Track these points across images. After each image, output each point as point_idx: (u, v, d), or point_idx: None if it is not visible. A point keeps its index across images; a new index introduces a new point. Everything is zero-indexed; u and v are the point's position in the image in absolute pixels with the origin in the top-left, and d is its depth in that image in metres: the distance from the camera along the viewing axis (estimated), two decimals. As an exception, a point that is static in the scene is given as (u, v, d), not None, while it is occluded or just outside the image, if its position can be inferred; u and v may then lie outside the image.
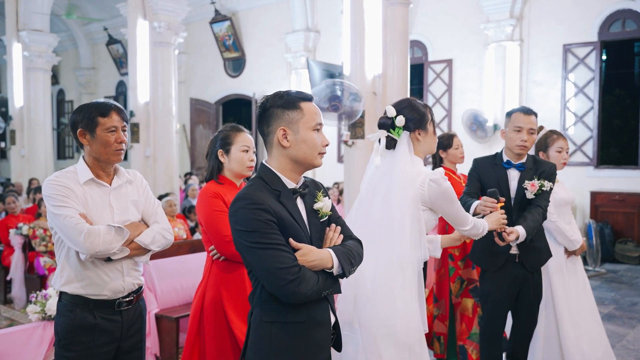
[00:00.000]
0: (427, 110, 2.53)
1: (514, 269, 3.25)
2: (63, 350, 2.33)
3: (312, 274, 1.81)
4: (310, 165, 1.93)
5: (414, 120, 2.49)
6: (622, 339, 5.00)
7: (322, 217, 1.97)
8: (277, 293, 1.80)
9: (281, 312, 1.84)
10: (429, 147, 2.55)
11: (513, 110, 3.28)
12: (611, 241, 8.69)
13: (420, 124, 2.50)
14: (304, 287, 1.77)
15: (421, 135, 2.51)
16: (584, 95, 9.30)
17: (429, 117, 2.52)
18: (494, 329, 3.33)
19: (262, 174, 1.91)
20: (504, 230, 2.92)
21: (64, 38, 16.54)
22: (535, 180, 3.18)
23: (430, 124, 2.53)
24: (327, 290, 1.87)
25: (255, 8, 12.93)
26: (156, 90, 9.19)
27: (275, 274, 1.76)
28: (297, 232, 1.86)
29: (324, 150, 1.94)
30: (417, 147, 2.52)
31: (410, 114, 2.49)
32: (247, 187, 1.88)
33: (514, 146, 3.20)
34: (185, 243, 5.39)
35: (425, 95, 10.89)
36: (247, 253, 1.81)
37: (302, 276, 1.77)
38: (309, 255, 1.83)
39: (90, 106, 2.40)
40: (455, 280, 4.12)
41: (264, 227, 1.77)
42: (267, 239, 1.77)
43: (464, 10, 10.17)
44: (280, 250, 1.78)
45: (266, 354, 1.84)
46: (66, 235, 2.25)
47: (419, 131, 2.50)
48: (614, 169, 9.37)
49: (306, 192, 1.96)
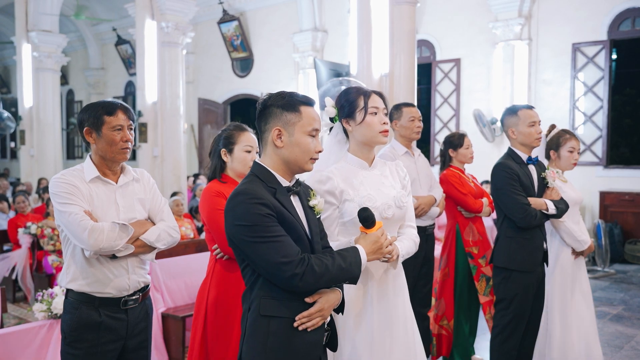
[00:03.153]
0: (360, 98, 2.32)
1: (539, 267, 3.34)
2: (69, 347, 2.34)
3: (320, 266, 1.82)
4: (300, 169, 1.95)
5: (342, 108, 2.36)
6: (631, 339, 4.96)
7: (317, 214, 2.02)
8: (281, 286, 1.82)
9: (278, 308, 1.85)
10: (362, 136, 2.33)
11: (516, 108, 3.35)
12: (620, 241, 8.62)
13: (348, 112, 2.35)
14: (308, 279, 1.79)
15: (350, 125, 2.34)
16: (593, 94, 9.23)
17: (359, 105, 2.31)
18: (518, 327, 3.34)
19: (257, 172, 1.93)
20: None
21: (73, 39, 16.63)
22: (549, 170, 3.48)
23: (360, 112, 2.30)
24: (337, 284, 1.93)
25: (263, 8, 12.94)
26: (164, 90, 9.22)
27: (279, 267, 1.77)
28: (295, 227, 1.87)
29: (316, 156, 1.96)
30: (351, 137, 2.38)
31: (340, 102, 2.38)
32: (243, 184, 1.89)
33: (533, 140, 3.32)
34: (192, 242, 5.40)
35: (433, 94, 10.86)
36: (247, 248, 1.81)
37: (307, 269, 1.78)
38: (325, 307, 1.90)
39: (96, 105, 2.41)
40: (480, 279, 4.10)
41: (265, 220, 1.78)
42: (268, 232, 1.78)
43: (472, 9, 10.13)
44: (281, 242, 1.79)
45: (261, 348, 1.85)
46: (71, 232, 2.26)
47: (347, 120, 2.35)
48: (624, 168, 9.30)
49: (299, 190, 1.99)
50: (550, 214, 3.32)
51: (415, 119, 3.90)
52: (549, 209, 3.30)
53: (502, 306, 3.37)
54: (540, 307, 3.44)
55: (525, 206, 3.22)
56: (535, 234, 3.31)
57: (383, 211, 2.26)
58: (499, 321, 3.40)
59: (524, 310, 3.32)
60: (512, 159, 3.36)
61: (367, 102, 2.31)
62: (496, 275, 3.41)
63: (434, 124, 10.89)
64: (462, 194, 4.07)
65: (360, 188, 2.27)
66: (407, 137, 3.91)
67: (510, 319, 3.33)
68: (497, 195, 3.35)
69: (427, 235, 3.95)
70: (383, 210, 2.26)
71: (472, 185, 4.24)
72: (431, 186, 3.98)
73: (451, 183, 4.09)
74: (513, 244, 3.30)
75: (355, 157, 2.35)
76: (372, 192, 2.27)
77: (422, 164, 4.01)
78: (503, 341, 3.37)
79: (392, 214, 2.28)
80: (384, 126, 2.31)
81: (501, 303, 3.38)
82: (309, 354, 1.90)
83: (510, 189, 3.24)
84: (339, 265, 1.86)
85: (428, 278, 4.00)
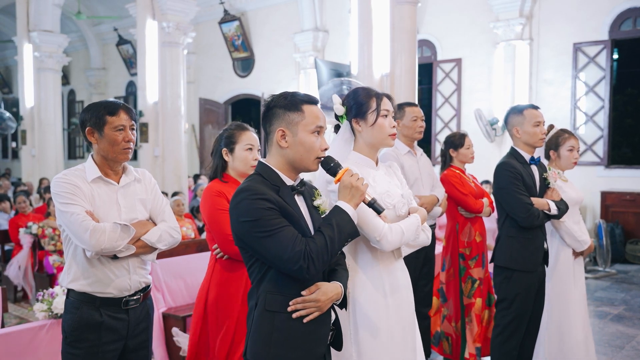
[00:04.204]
0: (372, 100, 2.30)
1: (540, 267, 3.34)
2: (69, 347, 2.34)
3: (317, 250, 1.82)
4: (305, 168, 1.95)
5: (352, 108, 2.34)
6: (632, 339, 4.96)
7: (322, 214, 2.01)
8: (293, 275, 1.84)
9: (284, 303, 1.86)
10: (372, 138, 2.31)
11: (521, 108, 3.34)
12: (622, 241, 8.61)
13: (358, 112, 2.31)
14: (314, 269, 1.81)
15: (360, 125, 2.32)
16: (594, 94, 9.22)
17: (372, 106, 2.29)
18: (519, 327, 3.34)
19: (261, 171, 1.94)
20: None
21: (74, 38, 16.64)
22: (550, 170, 3.47)
23: (372, 114, 2.28)
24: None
25: (263, 8, 12.95)
26: (165, 90, 9.23)
27: (285, 263, 1.79)
28: (299, 223, 1.88)
29: (322, 154, 1.95)
30: (358, 137, 2.36)
31: (349, 102, 2.36)
32: (246, 182, 1.89)
33: (537, 140, 3.33)
34: (193, 242, 5.40)
35: (434, 94, 10.85)
36: (254, 243, 1.82)
37: (309, 262, 1.79)
38: (321, 299, 1.89)
39: (98, 105, 2.41)
40: (467, 280, 4.09)
41: (267, 213, 1.79)
42: (270, 225, 1.79)
43: (473, 9, 10.12)
44: (283, 233, 1.79)
45: (266, 343, 1.85)
46: (72, 232, 2.26)
47: (357, 120, 2.32)
48: (625, 168, 9.29)
49: (303, 189, 1.98)
50: (552, 214, 3.33)
51: (417, 119, 3.90)
52: (551, 209, 3.30)
53: (504, 306, 3.37)
54: (540, 307, 3.44)
55: (528, 206, 3.22)
56: (536, 233, 3.32)
57: (399, 209, 2.26)
58: (500, 321, 3.40)
59: (525, 310, 3.32)
60: (515, 158, 3.35)
61: (379, 105, 2.30)
62: (497, 275, 3.41)
63: (435, 123, 10.89)
64: (462, 194, 4.06)
65: (375, 185, 2.26)
66: (410, 136, 3.91)
67: (511, 318, 3.33)
68: (500, 195, 3.34)
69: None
70: (399, 207, 2.26)
71: (473, 185, 4.24)
72: (433, 186, 3.98)
73: (452, 183, 4.09)
74: (515, 244, 3.30)
75: (363, 156, 2.34)
76: (388, 189, 2.27)
77: (424, 163, 4.01)
78: (504, 341, 3.37)
79: (405, 211, 2.29)
80: (393, 129, 2.31)
81: (502, 303, 3.38)
82: (313, 350, 1.90)
83: (514, 189, 3.24)
84: (332, 238, 1.84)
85: (429, 278, 4.00)
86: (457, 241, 4.15)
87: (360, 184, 1.93)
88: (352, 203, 1.92)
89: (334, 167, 1.96)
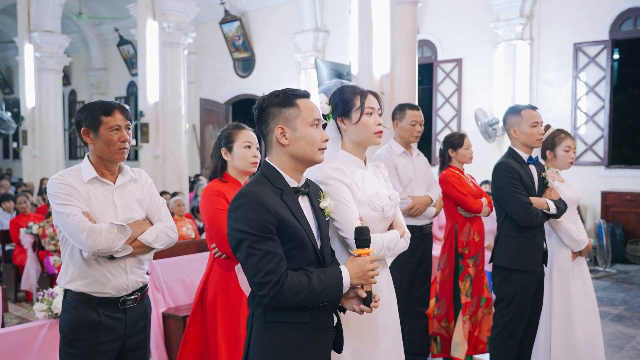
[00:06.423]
0: (356, 98, 2.26)
1: (539, 267, 3.34)
2: (67, 347, 2.35)
3: (292, 289, 1.76)
4: (311, 161, 1.92)
5: (338, 107, 2.31)
6: (632, 339, 4.96)
7: (327, 216, 1.99)
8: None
9: (285, 312, 1.82)
10: (357, 136, 2.26)
11: (519, 108, 3.34)
12: (622, 241, 8.60)
13: (343, 110, 2.27)
14: (278, 301, 1.76)
15: (345, 124, 2.28)
16: (595, 94, 9.21)
17: (356, 104, 2.25)
18: (518, 327, 3.35)
19: (265, 171, 1.91)
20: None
21: (75, 39, 16.66)
22: (549, 170, 3.51)
23: (356, 112, 2.24)
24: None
25: (264, 8, 12.95)
26: (165, 90, 9.23)
27: (254, 284, 1.78)
28: (298, 233, 1.84)
29: (324, 145, 1.93)
30: (344, 135, 2.32)
31: (335, 100, 2.32)
32: (250, 184, 1.86)
33: (534, 141, 3.34)
34: (193, 242, 5.41)
35: (434, 94, 10.85)
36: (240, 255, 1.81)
37: (277, 293, 1.75)
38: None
39: (94, 105, 2.41)
40: (465, 279, 4.09)
41: (261, 229, 1.76)
42: (257, 245, 1.76)
43: (474, 9, 10.12)
44: (264, 259, 1.76)
45: (270, 354, 1.82)
46: (69, 232, 2.27)
47: (342, 118, 2.29)
48: (625, 168, 9.28)
49: (308, 191, 1.95)
50: (551, 214, 3.33)
51: (416, 124, 3.90)
52: (550, 209, 3.30)
53: (502, 306, 3.37)
54: (539, 307, 3.44)
55: (527, 205, 3.22)
56: (536, 233, 3.32)
57: (387, 211, 2.22)
58: (498, 321, 3.41)
59: (523, 310, 3.32)
60: (513, 158, 3.36)
61: (363, 102, 2.26)
62: (496, 274, 3.41)
63: (436, 124, 10.89)
64: (462, 194, 4.06)
65: (364, 186, 2.22)
66: (406, 139, 3.92)
67: (510, 318, 3.33)
68: (498, 195, 3.34)
69: (424, 234, 3.95)
70: (388, 210, 2.22)
71: (471, 185, 4.24)
72: (429, 186, 3.98)
73: (451, 183, 4.09)
74: (515, 244, 3.30)
75: (352, 155, 2.30)
76: (377, 190, 2.23)
77: (420, 163, 4.01)
78: (503, 341, 3.37)
79: (393, 213, 2.26)
80: (379, 127, 2.27)
81: (501, 303, 3.38)
82: (317, 356, 1.88)
83: (512, 188, 3.24)
84: (313, 289, 1.79)
85: (426, 277, 3.99)
86: (456, 241, 4.15)
87: (371, 277, 1.88)
88: (353, 281, 1.86)
89: (364, 241, 1.90)
